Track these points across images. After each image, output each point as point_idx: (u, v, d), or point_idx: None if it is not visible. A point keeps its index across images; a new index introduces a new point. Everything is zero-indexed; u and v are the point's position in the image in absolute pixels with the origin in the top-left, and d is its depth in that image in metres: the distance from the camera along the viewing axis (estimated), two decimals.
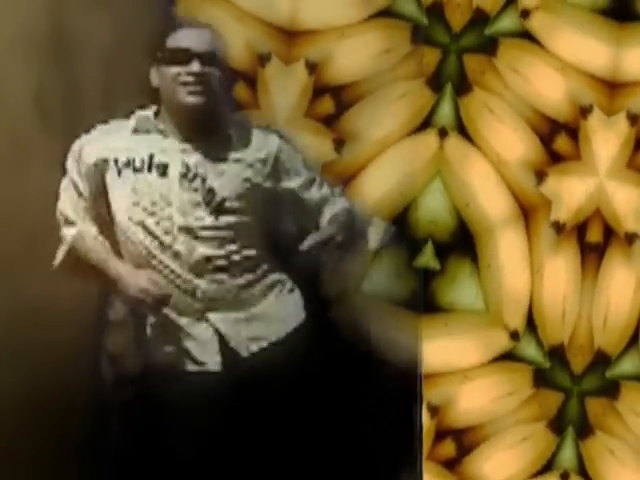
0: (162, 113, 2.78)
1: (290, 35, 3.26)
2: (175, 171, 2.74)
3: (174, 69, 2.72)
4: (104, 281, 2.75)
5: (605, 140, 3.25)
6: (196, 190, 2.73)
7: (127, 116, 2.82)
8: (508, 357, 3.26)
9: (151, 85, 2.79)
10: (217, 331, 2.73)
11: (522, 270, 3.26)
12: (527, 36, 3.26)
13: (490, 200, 3.27)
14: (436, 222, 3.26)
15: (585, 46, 3.26)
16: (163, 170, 2.74)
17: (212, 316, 2.73)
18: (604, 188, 3.23)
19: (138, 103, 2.83)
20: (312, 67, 3.26)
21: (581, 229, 3.24)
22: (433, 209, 3.27)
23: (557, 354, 3.26)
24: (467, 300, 3.27)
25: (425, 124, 3.27)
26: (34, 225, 3.01)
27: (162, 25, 3.08)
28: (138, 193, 2.73)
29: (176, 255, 2.71)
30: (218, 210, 2.73)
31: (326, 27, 3.25)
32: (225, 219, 2.73)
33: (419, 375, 3.21)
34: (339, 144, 3.30)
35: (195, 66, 2.71)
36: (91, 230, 2.80)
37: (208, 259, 2.72)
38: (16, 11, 3.02)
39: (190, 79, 2.71)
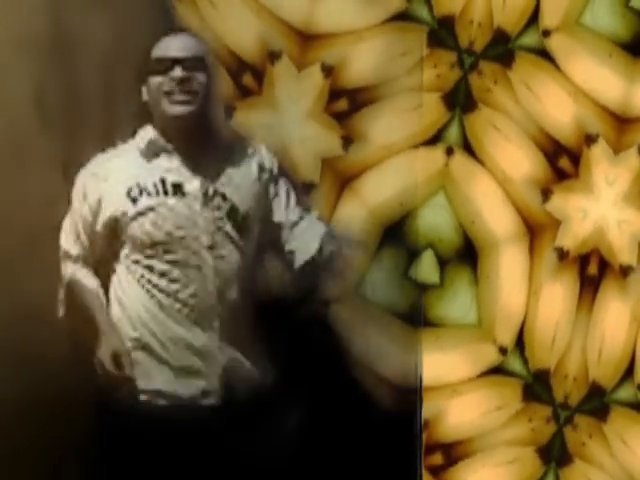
0: (159, 133, 2.68)
1: (306, 37, 3.26)
2: (193, 190, 2.64)
3: (157, 79, 2.64)
4: (90, 330, 2.63)
5: (606, 172, 3.25)
6: (219, 208, 2.64)
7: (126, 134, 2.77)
8: (497, 371, 3.25)
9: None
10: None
11: (520, 289, 3.26)
12: (545, 54, 3.27)
13: (495, 217, 3.27)
14: (441, 239, 3.25)
15: (600, 75, 3.27)
16: (180, 191, 2.63)
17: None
18: (601, 220, 3.24)
19: (138, 104, 2.83)
20: (328, 70, 3.26)
21: (583, 260, 3.25)
22: (437, 225, 3.27)
23: (541, 378, 3.25)
24: (459, 314, 3.26)
25: (435, 139, 3.26)
26: (34, 225, 3.01)
27: (161, 26, 3.10)
28: (159, 218, 2.62)
29: (201, 275, 2.60)
30: (242, 226, 2.65)
31: (342, 30, 3.25)
32: (245, 235, 2.65)
33: (419, 395, 3.22)
34: (347, 142, 3.29)
35: (177, 72, 2.62)
36: (88, 275, 2.69)
37: (231, 280, 2.63)
38: (16, 11, 3.04)
39: (174, 87, 2.62)
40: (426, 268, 3.23)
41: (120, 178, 2.66)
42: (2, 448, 2.93)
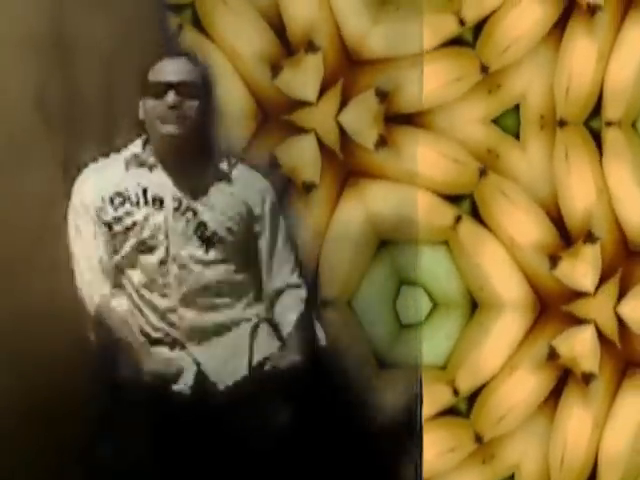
0: (151, 147, 2.82)
1: (361, 63, 3.27)
2: (169, 203, 2.77)
3: (152, 102, 2.77)
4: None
5: None
6: (188, 222, 2.75)
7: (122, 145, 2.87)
8: (451, 412, 3.24)
9: None
10: (195, 361, 2.75)
11: (498, 356, 3.25)
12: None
13: (503, 284, 3.26)
14: (448, 304, 3.26)
15: None
16: (158, 203, 2.77)
17: (192, 347, 2.75)
18: None
19: (138, 104, 2.85)
20: (382, 95, 3.26)
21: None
22: (444, 292, 3.26)
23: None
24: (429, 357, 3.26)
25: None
26: (34, 225, 3.01)
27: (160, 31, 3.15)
28: (136, 226, 2.76)
29: (166, 286, 2.75)
30: (209, 243, 2.75)
31: (397, 56, 3.26)
32: (214, 253, 2.76)
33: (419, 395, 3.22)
34: (381, 143, 3.28)
35: (170, 98, 2.74)
36: (119, 301, 2.80)
37: (196, 291, 2.74)
38: (16, 12, 3.03)
39: (166, 111, 2.74)
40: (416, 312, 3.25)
41: (105, 186, 2.81)
42: (2, 448, 2.92)
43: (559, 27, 3.25)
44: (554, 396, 3.22)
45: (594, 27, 3.24)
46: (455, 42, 3.25)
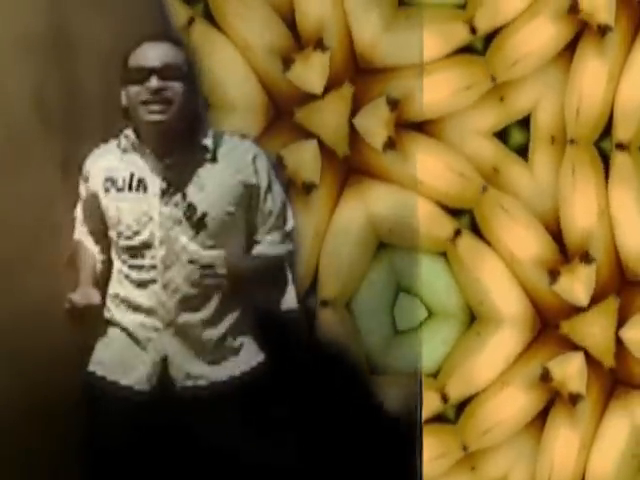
0: (137, 133, 2.79)
1: (372, 71, 3.23)
2: (155, 187, 2.75)
3: (135, 88, 2.72)
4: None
5: None
6: (177, 205, 2.74)
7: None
8: (439, 419, 3.27)
9: None
10: (163, 353, 2.75)
11: (491, 367, 3.27)
12: None
13: (503, 298, 3.26)
14: (448, 319, 3.26)
15: None
16: (142, 187, 2.76)
17: (166, 337, 2.75)
18: None
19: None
20: (393, 103, 3.23)
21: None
22: (444, 307, 3.26)
23: None
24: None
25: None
26: (34, 225, 3.01)
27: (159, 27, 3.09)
28: (122, 211, 2.76)
29: (154, 268, 2.74)
30: (198, 226, 2.74)
31: (407, 64, 3.23)
32: (204, 234, 2.74)
33: (419, 395, 3.26)
34: (390, 145, 3.27)
35: (153, 82, 2.70)
36: (89, 240, 2.89)
37: (184, 278, 2.73)
38: (16, 12, 2.98)
39: (149, 97, 2.70)
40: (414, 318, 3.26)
41: (99, 171, 2.83)
42: (1, 448, 2.96)
43: (570, 47, 3.22)
44: (542, 417, 3.26)
45: (604, 48, 3.22)
46: (465, 50, 3.22)
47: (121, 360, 2.78)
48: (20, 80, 3.00)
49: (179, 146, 2.76)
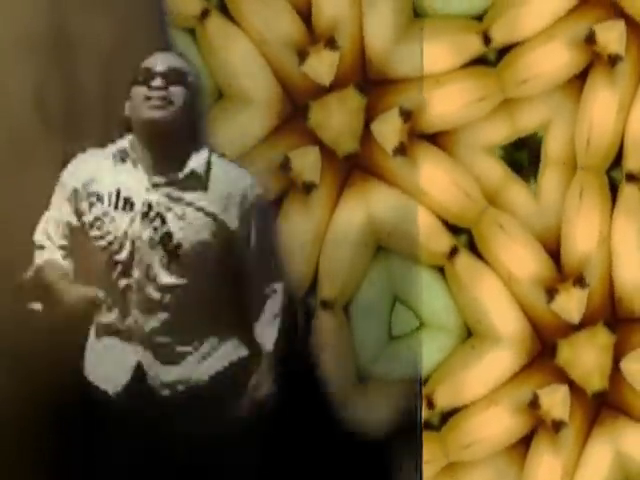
0: (134, 141, 2.76)
1: (385, 82, 3.19)
2: (139, 207, 2.73)
3: (140, 89, 2.72)
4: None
5: None
6: (155, 230, 2.73)
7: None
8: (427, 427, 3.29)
9: None
10: (138, 362, 2.77)
11: (482, 383, 3.27)
12: None
13: (501, 317, 3.24)
14: (446, 336, 3.25)
15: None
16: (129, 206, 2.74)
17: (140, 350, 2.77)
18: None
19: None
20: (406, 114, 3.20)
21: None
22: (442, 326, 3.25)
23: None
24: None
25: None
26: (34, 226, 3.02)
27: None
28: (103, 226, 2.75)
29: (129, 288, 2.74)
30: (172, 253, 2.73)
31: (421, 75, 3.18)
32: (177, 263, 2.73)
33: (419, 394, 3.30)
34: (401, 151, 3.23)
35: (157, 81, 2.71)
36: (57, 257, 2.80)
37: (156, 300, 2.74)
38: (16, 12, 2.97)
39: (152, 93, 2.70)
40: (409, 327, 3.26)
41: (83, 183, 2.78)
42: (2, 447, 3.04)
43: (581, 76, 3.16)
44: (525, 442, 3.28)
45: (615, 78, 3.15)
46: (478, 61, 3.18)
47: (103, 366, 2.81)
48: (21, 80, 3.00)
49: (171, 163, 2.73)
